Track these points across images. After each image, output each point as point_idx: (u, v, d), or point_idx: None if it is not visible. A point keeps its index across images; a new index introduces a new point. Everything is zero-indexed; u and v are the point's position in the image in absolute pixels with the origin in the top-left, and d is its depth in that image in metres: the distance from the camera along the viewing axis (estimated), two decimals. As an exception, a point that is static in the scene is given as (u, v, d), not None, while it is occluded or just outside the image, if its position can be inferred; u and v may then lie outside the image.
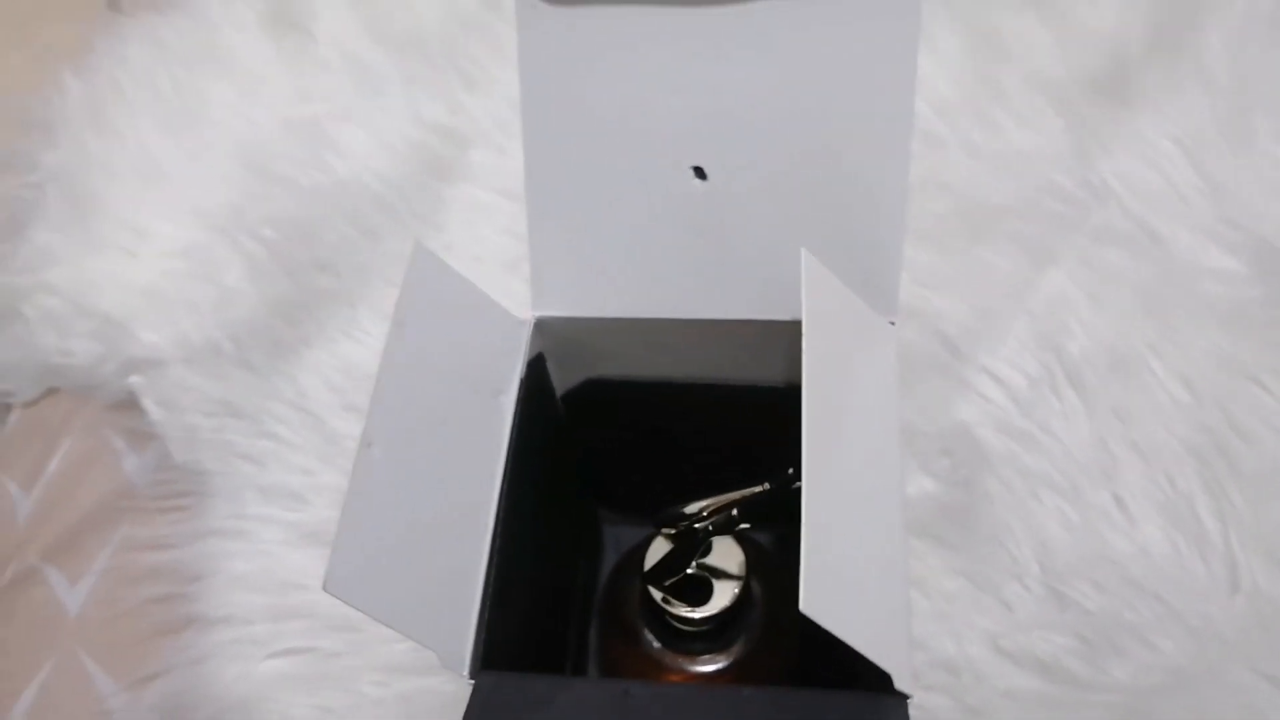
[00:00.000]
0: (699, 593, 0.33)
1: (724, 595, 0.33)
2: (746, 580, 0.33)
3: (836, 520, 0.24)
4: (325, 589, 0.23)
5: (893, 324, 0.31)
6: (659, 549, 0.33)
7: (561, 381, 0.36)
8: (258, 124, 0.61)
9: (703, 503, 0.32)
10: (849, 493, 0.26)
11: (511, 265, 0.52)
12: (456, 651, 0.27)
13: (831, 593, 0.23)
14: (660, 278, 0.33)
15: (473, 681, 0.26)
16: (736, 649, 0.34)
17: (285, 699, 0.41)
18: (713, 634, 0.34)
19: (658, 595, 0.33)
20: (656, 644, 0.34)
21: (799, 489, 0.28)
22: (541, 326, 0.34)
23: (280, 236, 0.55)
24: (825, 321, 0.28)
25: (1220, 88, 0.57)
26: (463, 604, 0.28)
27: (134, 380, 0.51)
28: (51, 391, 0.54)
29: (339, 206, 0.56)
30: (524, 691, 0.26)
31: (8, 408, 0.55)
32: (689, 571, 0.33)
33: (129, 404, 0.51)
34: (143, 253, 0.55)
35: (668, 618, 0.33)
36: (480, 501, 0.30)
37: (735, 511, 0.31)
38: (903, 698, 0.24)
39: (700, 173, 0.31)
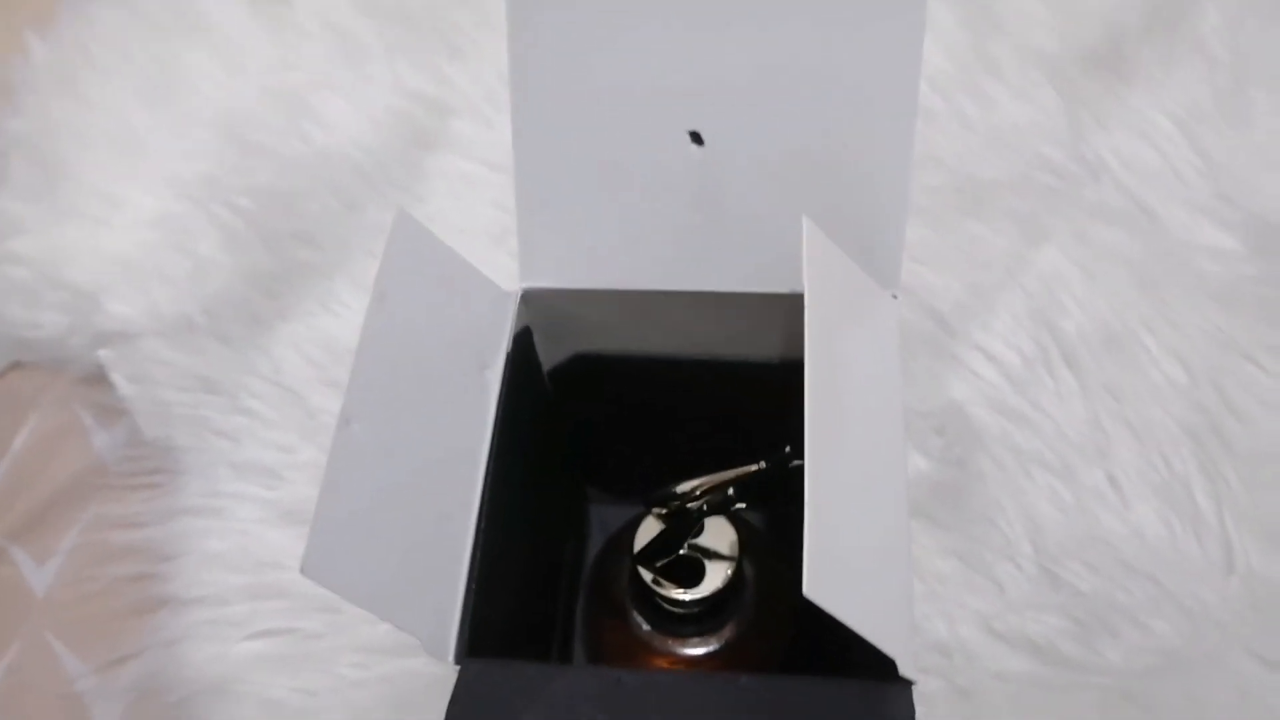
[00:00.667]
0: (690, 574, 0.32)
1: (716, 577, 0.32)
2: (739, 561, 0.32)
3: (839, 501, 0.23)
4: (303, 573, 0.22)
5: (895, 297, 0.30)
6: (649, 529, 0.32)
7: (549, 356, 0.35)
8: (236, 92, 0.59)
9: (695, 481, 0.31)
10: (852, 472, 0.25)
11: (498, 238, 0.50)
12: (440, 637, 0.26)
13: (835, 576, 0.22)
14: (653, 249, 0.32)
15: (458, 668, 0.25)
16: (728, 631, 0.34)
17: (262, 680, 0.40)
18: (704, 616, 0.33)
19: (648, 576, 0.32)
20: (645, 626, 0.33)
21: (796, 468, 0.27)
22: (528, 298, 0.33)
23: (258, 207, 0.54)
24: (827, 292, 0.27)
25: (1218, 63, 0.56)
26: (447, 587, 0.27)
27: (104, 354, 0.49)
28: (18, 365, 0.52)
29: (319, 177, 0.55)
30: (511, 679, 0.25)
31: (-27, 382, 0.53)
32: (680, 553, 0.32)
33: (99, 378, 0.49)
34: (115, 222, 0.54)
35: (657, 599, 0.32)
36: (465, 480, 0.28)
37: (730, 491, 0.30)
38: (907, 684, 0.23)
39: (696, 138, 0.30)
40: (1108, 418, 0.45)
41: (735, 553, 0.32)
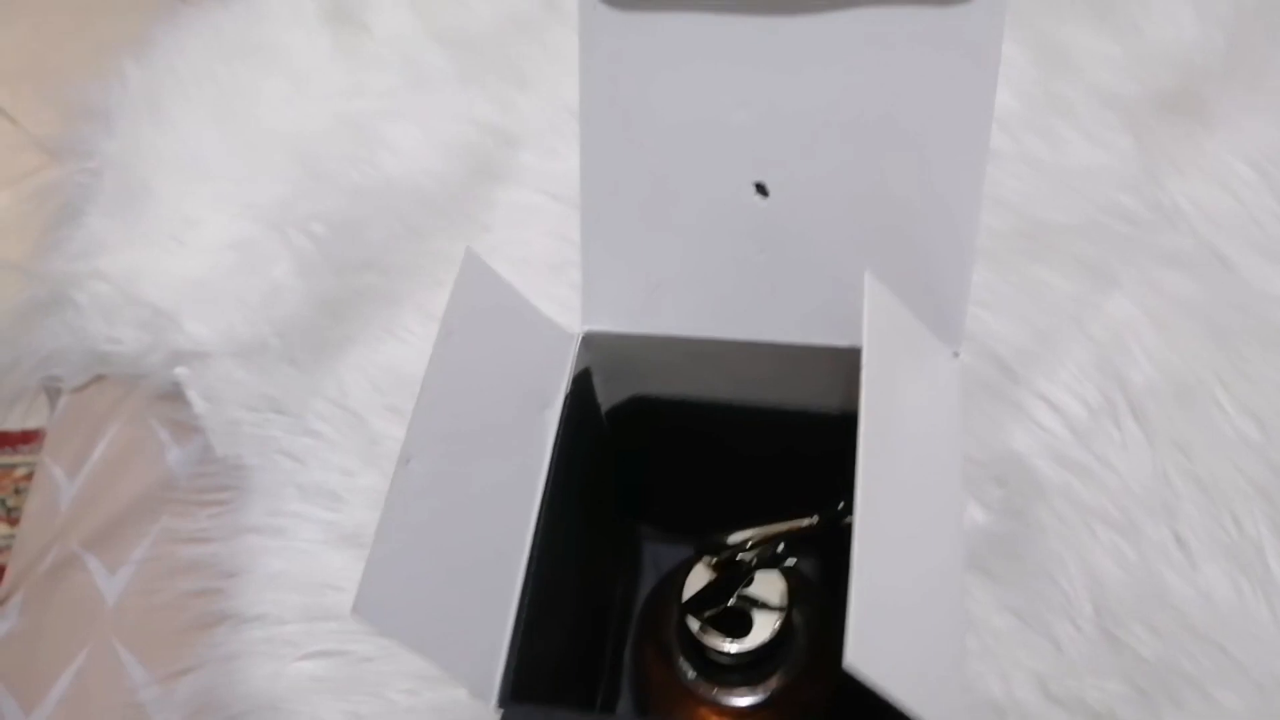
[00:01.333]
0: (738, 624, 0.32)
1: (763, 629, 0.32)
2: (788, 613, 0.32)
3: (888, 565, 0.23)
4: (353, 614, 0.22)
5: (957, 355, 0.30)
6: (699, 577, 0.32)
7: (607, 397, 0.36)
8: (310, 118, 0.61)
9: (748, 533, 0.31)
10: (904, 533, 0.25)
11: (558, 269, 0.51)
12: (485, 679, 0.26)
13: (880, 645, 0.21)
14: (715, 295, 0.32)
15: (500, 711, 0.26)
16: (774, 682, 0.33)
17: (314, 701, 0.41)
18: (750, 666, 0.33)
19: (695, 625, 0.32)
20: (692, 674, 0.33)
21: (848, 524, 0.27)
22: (589, 341, 0.33)
23: (329, 233, 0.55)
24: (886, 349, 0.27)
25: (1302, 110, 0.55)
26: (494, 628, 0.27)
27: (180, 371, 0.51)
28: (99, 378, 0.54)
29: (388, 204, 0.56)
30: None
31: (57, 392, 0.55)
32: (729, 603, 0.32)
33: (174, 395, 0.51)
34: (192, 244, 0.56)
35: (704, 648, 0.32)
36: (519, 520, 0.29)
37: (781, 546, 0.30)
38: None
39: (762, 189, 0.30)
40: (1176, 473, 0.44)
41: (784, 604, 0.32)
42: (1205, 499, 0.43)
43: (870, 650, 0.21)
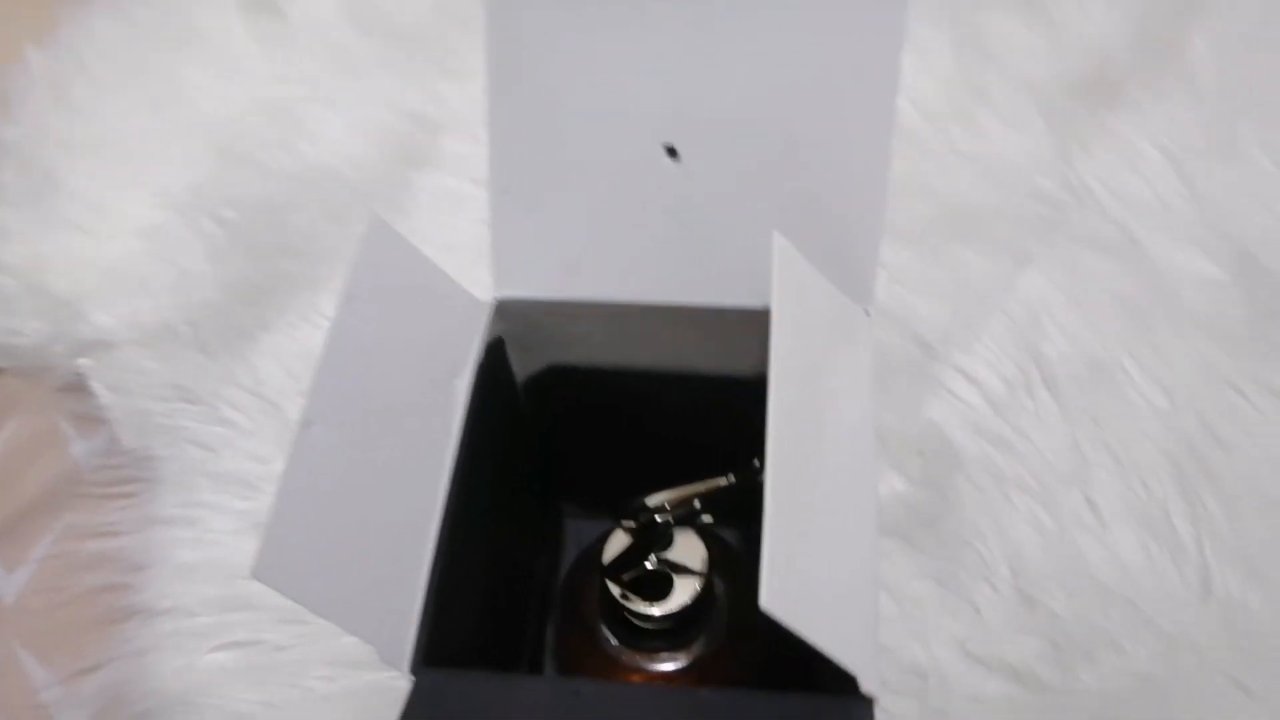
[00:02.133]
0: (659, 589, 0.32)
1: (684, 592, 0.31)
2: (709, 577, 0.32)
3: (801, 514, 0.23)
4: (253, 575, 0.22)
5: (868, 314, 0.30)
6: (618, 542, 0.32)
7: (523, 367, 0.35)
8: (227, 105, 0.59)
9: (664, 495, 0.31)
10: (817, 486, 0.25)
11: (482, 255, 0.50)
12: (396, 646, 0.25)
13: (794, 589, 0.21)
14: (629, 262, 0.32)
15: (413, 678, 0.25)
16: (697, 648, 0.33)
17: (229, 693, 0.39)
18: (673, 632, 0.32)
19: (616, 591, 0.31)
20: (614, 641, 0.33)
21: (765, 482, 0.27)
22: (502, 309, 0.32)
23: (244, 219, 0.54)
24: (796, 306, 0.27)
25: (1206, 94, 0.57)
26: (406, 596, 0.26)
27: (84, 362, 0.49)
28: None
29: (307, 190, 0.55)
30: (467, 691, 0.25)
31: (-46, 388, 0.53)
32: (649, 566, 0.31)
33: (78, 386, 0.49)
34: (100, 232, 0.54)
35: (626, 614, 0.32)
36: (429, 489, 0.28)
37: (698, 504, 0.30)
38: (868, 700, 0.23)
39: (673, 152, 0.30)
40: (1088, 443, 0.45)
41: (705, 568, 0.32)
42: (1116, 466, 0.44)
43: (784, 595, 0.21)
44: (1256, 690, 0.38)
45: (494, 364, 0.32)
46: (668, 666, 0.33)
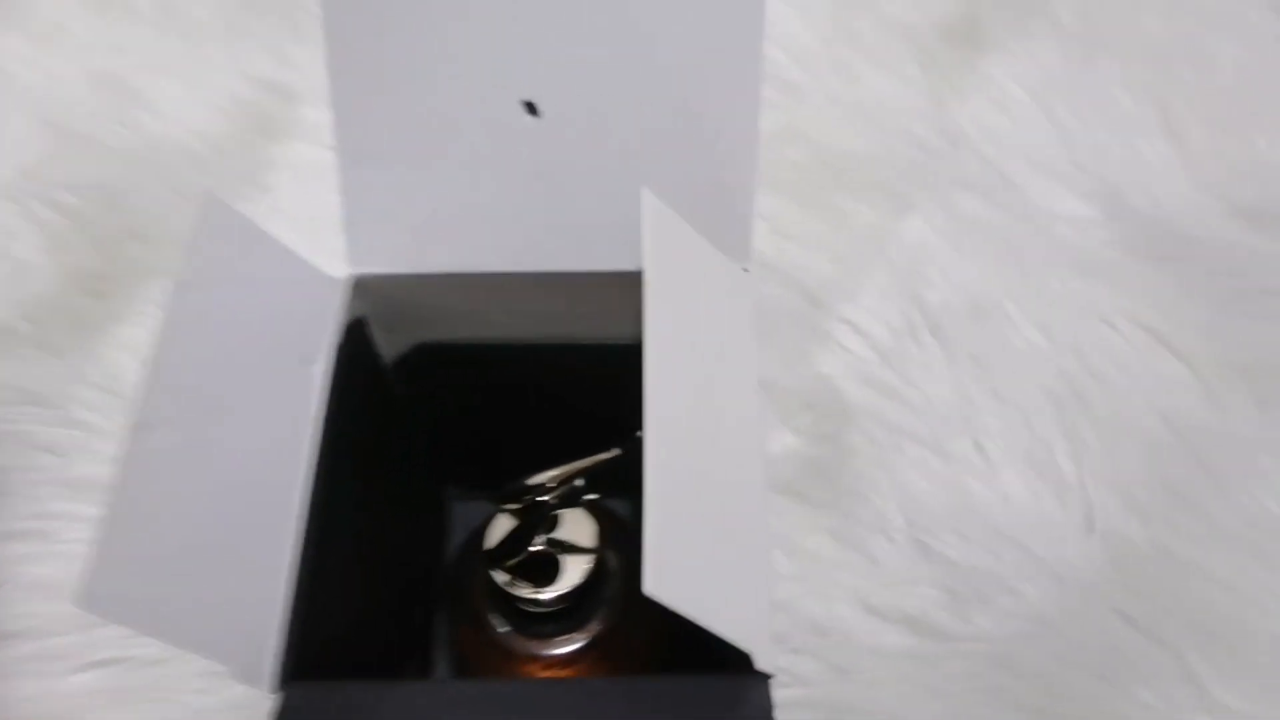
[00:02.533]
0: (547, 571, 0.30)
1: (574, 572, 0.30)
2: (600, 554, 0.31)
3: (685, 487, 0.22)
4: (75, 603, 0.19)
5: (746, 270, 0.29)
6: (501, 527, 0.30)
7: (389, 348, 0.33)
8: (57, 78, 0.55)
9: (548, 474, 0.29)
10: (700, 455, 0.24)
11: (348, 228, 0.48)
12: (256, 662, 0.23)
13: (680, 568, 0.20)
14: (493, 228, 0.30)
15: (278, 695, 0.23)
16: (594, 627, 0.32)
17: (95, 716, 0.37)
18: (566, 613, 0.31)
19: (502, 578, 0.30)
20: (505, 628, 0.32)
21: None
22: (362, 286, 0.30)
23: (83, 202, 0.49)
24: (670, 267, 0.25)
25: (1068, 33, 0.57)
26: (264, 607, 0.24)
27: (-90, 368, 0.45)
28: None
29: (152, 168, 0.51)
30: (340, 701, 0.23)
31: None
32: (533, 549, 0.30)
33: (-95, 396, 0.45)
34: (-81, 224, 0.49)
35: (515, 601, 0.30)
36: (286, 487, 0.26)
37: (580, 481, 0.29)
38: (764, 677, 0.22)
39: (532, 108, 0.28)
40: (974, 386, 0.45)
41: (595, 545, 0.31)
42: (1002, 409, 0.45)
43: (670, 576, 0.20)
44: (1140, 621, 0.39)
45: (355, 346, 0.30)
46: (565, 649, 0.32)
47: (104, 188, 0.50)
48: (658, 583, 0.19)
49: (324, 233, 0.42)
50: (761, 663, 0.22)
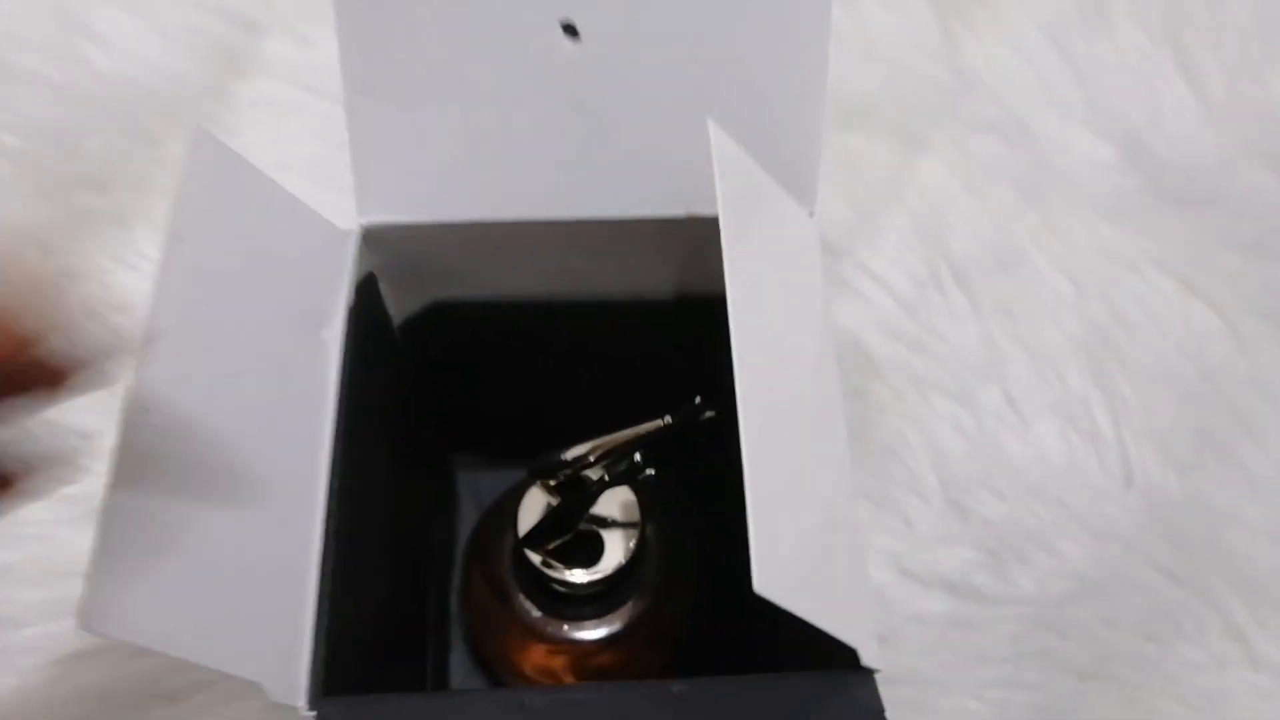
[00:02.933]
0: (587, 550, 0.27)
1: (617, 551, 0.27)
2: (641, 531, 0.28)
3: (781, 471, 0.19)
4: (81, 626, 0.16)
5: (812, 215, 0.26)
6: (534, 503, 0.28)
7: (400, 307, 0.30)
8: (-8, 8, 0.49)
9: (588, 445, 0.26)
10: (792, 431, 0.21)
11: (327, 176, 0.43)
12: (288, 676, 0.20)
13: (785, 563, 0.18)
14: (519, 170, 0.26)
15: (313, 714, 0.20)
16: (629, 609, 0.29)
17: (71, 714, 0.33)
18: (604, 595, 0.28)
19: (536, 558, 0.27)
20: (536, 612, 0.29)
21: (708, 420, 0.23)
22: (371, 238, 0.27)
23: (29, 146, 0.45)
24: (744, 213, 0.22)
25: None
26: (290, 614, 0.21)
27: None
28: None
29: (103, 108, 0.46)
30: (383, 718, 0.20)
31: None
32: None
33: None
34: None
35: (549, 582, 0.28)
36: (305, 474, 0.23)
37: (637, 457, 0.26)
38: (869, 673, 0.20)
39: (571, 30, 0.24)
40: (1002, 336, 0.43)
41: (637, 520, 0.28)
42: (1030, 359, 0.43)
43: (778, 573, 0.17)
44: (1183, 577, 0.38)
45: (367, 306, 0.27)
46: (598, 633, 0.29)
47: (52, 130, 0.45)
48: (767, 581, 0.17)
49: (298, 181, 0.38)
50: (867, 658, 0.20)
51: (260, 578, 0.21)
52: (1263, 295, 0.45)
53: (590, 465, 0.26)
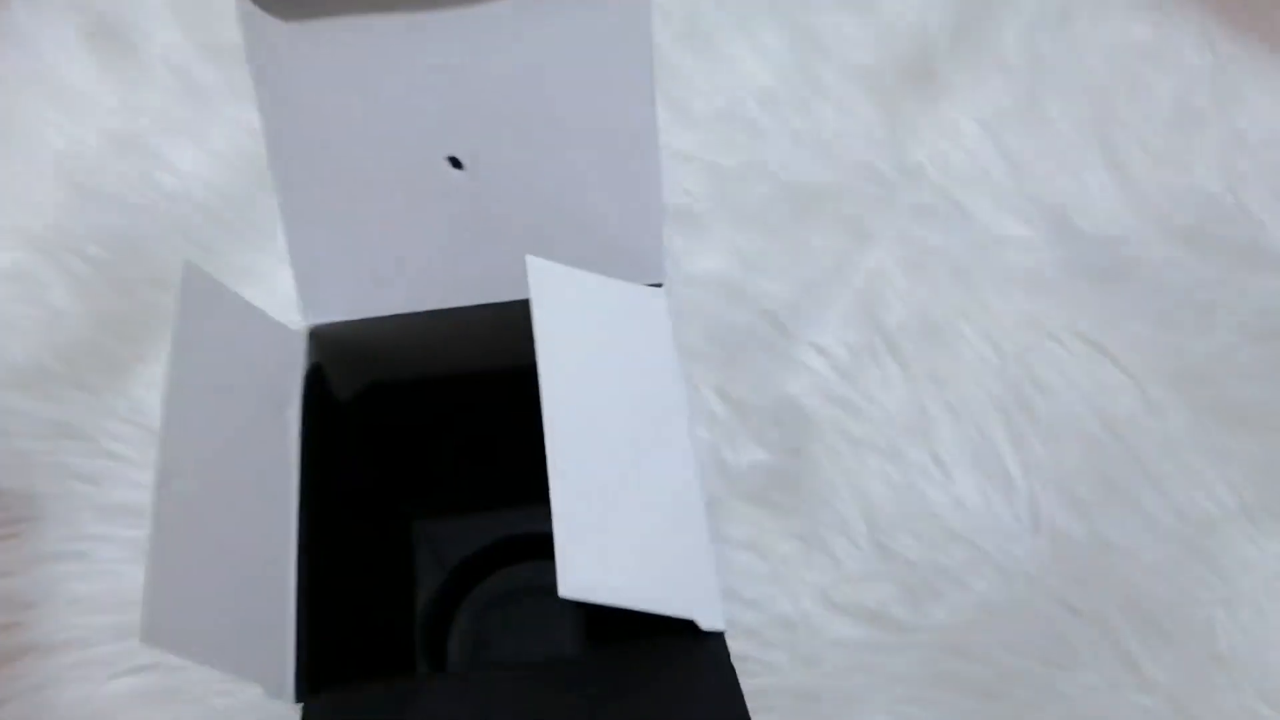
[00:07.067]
0: None
1: None
2: None
3: (594, 489, 0.25)
4: (143, 642, 0.23)
5: (660, 285, 0.33)
6: None
7: (346, 389, 0.36)
8: (81, 141, 0.59)
9: None
10: (612, 455, 0.27)
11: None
12: (280, 677, 0.27)
13: (595, 566, 0.24)
14: (431, 269, 0.34)
15: (300, 706, 0.26)
16: None
17: (133, 716, 0.40)
18: None
19: None
20: None
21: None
22: (317, 335, 0.34)
23: (108, 254, 0.54)
24: (559, 308, 0.29)
25: (1016, 72, 0.62)
26: (279, 627, 0.28)
27: (-44, 409, 0.49)
28: None
29: (169, 221, 0.55)
30: (363, 706, 0.26)
31: None
32: None
33: (-49, 434, 0.49)
34: (-39, 277, 0.53)
35: None
36: (281, 520, 0.30)
37: None
38: (717, 634, 0.26)
39: (456, 163, 0.32)
40: (930, 400, 0.49)
41: None
42: (955, 419, 0.49)
43: (584, 574, 0.23)
44: (1082, 609, 0.43)
45: (316, 391, 0.34)
46: None
47: (126, 240, 0.54)
48: (572, 584, 0.22)
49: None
50: (708, 623, 0.26)
51: (256, 603, 0.27)
52: (1170, 360, 0.50)
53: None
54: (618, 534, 0.26)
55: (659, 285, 0.33)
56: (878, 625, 0.43)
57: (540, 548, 0.40)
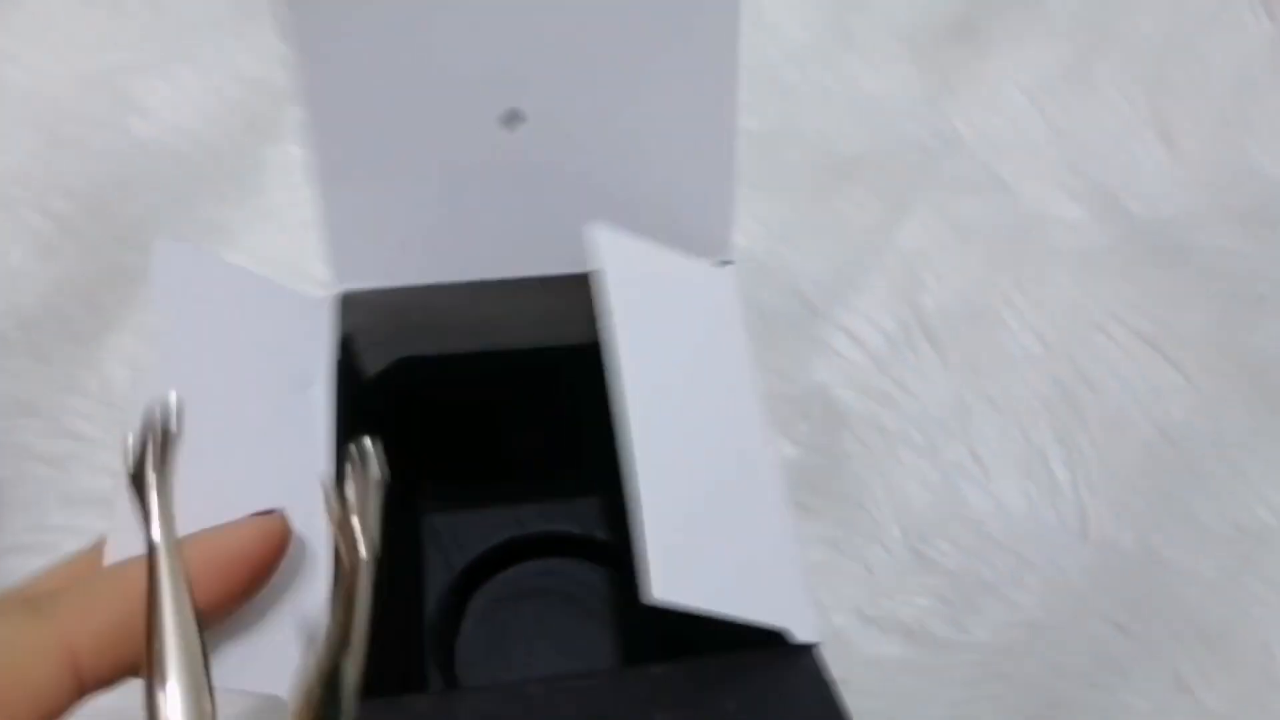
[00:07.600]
0: None
1: None
2: None
3: (680, 487, 0.22)
4: None
5: (729, 263, 0.30)
6: None
7: (371, 365, 0.33)
8: (44, 77, 0.54)
9: None
10: (692, 450, 0.24)
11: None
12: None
13: (688, 570, 0.21)
14: (475, 237, 0.30)
15: None
16: None
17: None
18: None
19: None
20: None
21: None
22: (350, 302, 0.30)
23: (74, 208, 0.49)
24: (631, 283, 0.26)
25: (1063, 34, 0.57)
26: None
27: (-98, 380, 0.44)
28: None
29: (143, 172, 0.50)
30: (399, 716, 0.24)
31: None
32: None
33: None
34: (-93, 231, 0.48)
35: None
36: (310, 513, 0.26)
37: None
38: (808, 647, 0.23)
39: (515, 116, 0.28)
40: (969, 393, 0.46)
41: None
42: (996, 415, 0.45)
43: (678, 577, 0.20)
44: (1133, 629, 0.40)
45: (349, 364, 0.30)
46: None
47: (95, 193, 0.49)
48: (666, 588, 0.20)
49: (315, 235, 0.42)
50: (801, 635, 0.23)
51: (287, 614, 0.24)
52: (1226, 354, 0.47)
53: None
54: (707, 536, 0.22)
55: (729, 263, 0.30)
56: (915, 642, 0.39)
57: (550, 547, 0.37)
